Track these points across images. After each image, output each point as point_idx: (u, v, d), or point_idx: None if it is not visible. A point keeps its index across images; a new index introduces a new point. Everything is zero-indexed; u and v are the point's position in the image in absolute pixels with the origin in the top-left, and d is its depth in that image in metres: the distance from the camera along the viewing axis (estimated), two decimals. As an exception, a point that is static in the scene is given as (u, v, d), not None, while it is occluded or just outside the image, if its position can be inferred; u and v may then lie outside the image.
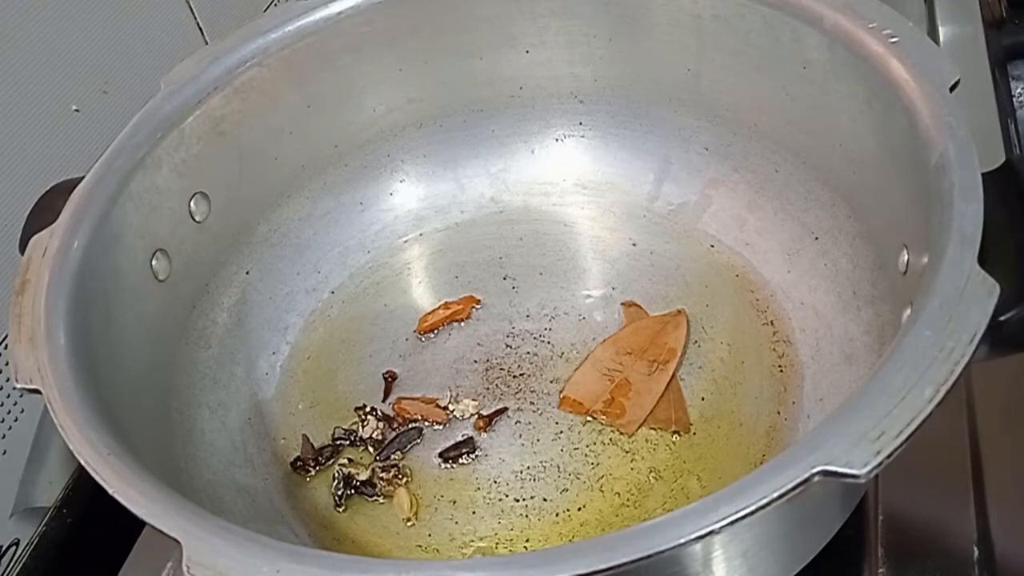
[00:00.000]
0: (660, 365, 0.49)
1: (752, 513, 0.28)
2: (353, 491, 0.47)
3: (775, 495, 0.29)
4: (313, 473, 0.48)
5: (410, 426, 0.50)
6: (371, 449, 0.49)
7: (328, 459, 0.49)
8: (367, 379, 0.52)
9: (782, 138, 0.51)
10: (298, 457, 0.49)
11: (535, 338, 0.53)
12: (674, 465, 0.46)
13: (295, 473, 0.49)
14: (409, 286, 0.57)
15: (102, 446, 0.35)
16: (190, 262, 0.50)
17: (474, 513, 0.46)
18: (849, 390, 0.44)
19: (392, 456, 0.49)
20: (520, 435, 0.48)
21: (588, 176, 0.59)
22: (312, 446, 0.49)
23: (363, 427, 0.50)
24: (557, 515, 0.45)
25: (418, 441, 0.49)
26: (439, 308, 0.55)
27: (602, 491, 0.46)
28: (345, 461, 0.49)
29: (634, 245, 0.56)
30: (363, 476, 0.48)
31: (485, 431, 0.49)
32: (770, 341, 0.50)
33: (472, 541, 0.45)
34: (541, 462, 0.47)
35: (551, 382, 0.50)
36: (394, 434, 0.49)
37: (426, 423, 0.50)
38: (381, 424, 0.50)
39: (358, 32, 0.54)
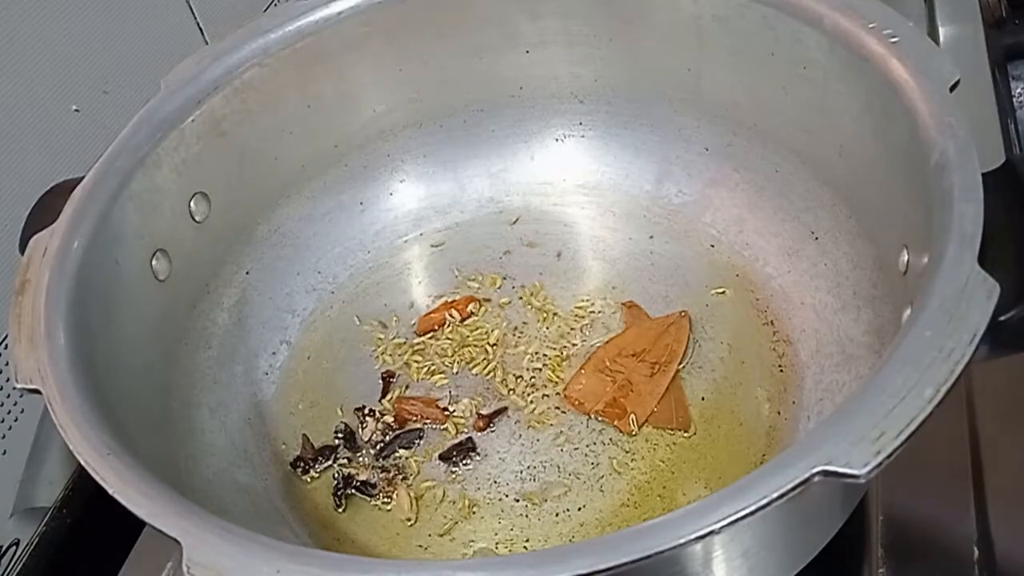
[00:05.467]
0: (662, 366, 0.49)
1: (752, 513, 0.28)
2: (353, 491, 0.47)
3: (775, 495, 0.29)
4: (313, 474, 0.48)
5: (409, 427, 0.50)
6: (371, 449, 0.49)
7: (328, 459, 0.49)
8: (367, 379, 0.52)
9: (782, 138, 0.51)
10: (298, 457, 0.49)
11: (535, 338, 0.53)
12: (674, 465, 0.46)
13: (295, 473, 0.49)
14: (409, 286, 0.57)
15: (102, 446, 0.35)
16: (190, 262, 0.50)
17: (474, 513, 0.46)
18: (849, 390, 0.44)
19: (392, 456, 0.49)
20: (520, 435, 0.48)
21: (588, 176, 0.59)
22: (312, 446, 0.49)
23: (363, 428, 0.50)
24: (557, 515, 0.45)
25: (418, 441, 0.49)
26: (439, 308, 0.55)
27: (602, 491, 0.46)
28: (345, 461, 0.49)
29: (634, 245, 0.56)
30: (363, 476, 0.48)
31: (485, 431, 0.49)
32: (770, 341, 0.50)
33: (472, 541, 0.45)
34: (541, 462, 0.47)
35: (551, 382, 0.50)
36: (394, 434, 0.49)
37: (426, 423, 0.50)
38: (380, 425, 0.50)
39: (358, 32, 0.53)
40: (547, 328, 0.53)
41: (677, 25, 0.52)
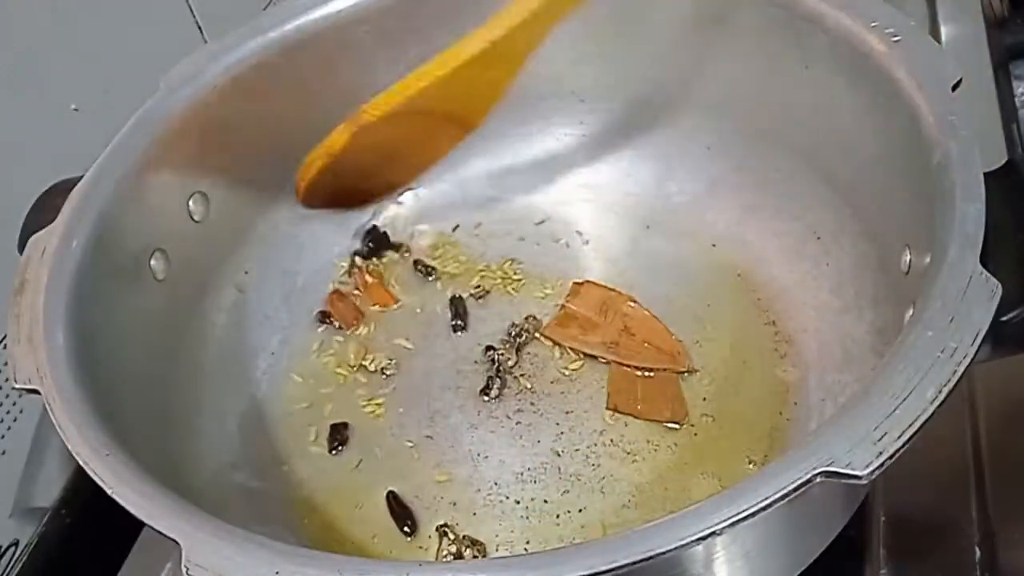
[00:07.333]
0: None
1: (754, 514, 0.28)
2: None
3: (777, 496, 0.28)
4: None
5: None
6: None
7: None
8: (367, 379, 0.52)
9: (784, 138, 0.51)
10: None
11: (536, 338, 0.52)
12: (675, 466, 0.46)
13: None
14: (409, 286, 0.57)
15: (101, 446, 0.35)
16: (189, 262, 0.50)
17: (474, 515, 0.46)
18: (851, 391, 0.44)
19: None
20: (520, 436, 0.48)
21: (589, 176, 0.58)
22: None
23: None
24: (558, 516, 0.45)
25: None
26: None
27: (603, 492, 0.45)
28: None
29: (636, 244, 0.56)
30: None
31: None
32: (772, 341, 0.50)
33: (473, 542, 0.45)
34: (542, 463, 0.47)
35: (551, 382, 0.50)
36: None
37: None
38: None
39: (358, 31, 0.53)
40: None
41: (678, 24, 0.52)
